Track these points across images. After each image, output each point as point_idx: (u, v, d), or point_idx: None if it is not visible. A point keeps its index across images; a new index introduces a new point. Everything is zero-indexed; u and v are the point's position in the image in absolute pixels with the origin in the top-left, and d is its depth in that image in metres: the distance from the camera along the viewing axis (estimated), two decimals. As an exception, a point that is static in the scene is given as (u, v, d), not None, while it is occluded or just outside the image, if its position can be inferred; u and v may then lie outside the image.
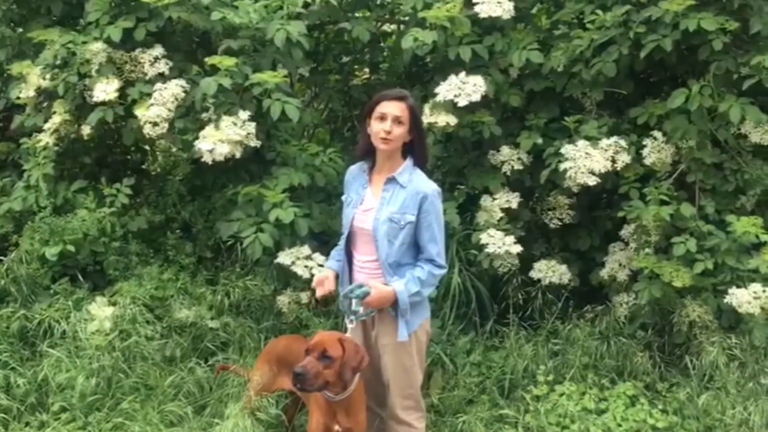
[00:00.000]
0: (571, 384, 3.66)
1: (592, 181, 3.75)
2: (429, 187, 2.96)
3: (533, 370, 3.85)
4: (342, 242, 3.17)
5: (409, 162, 3.00)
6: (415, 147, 3.00)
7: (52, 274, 4.03)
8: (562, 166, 3.81)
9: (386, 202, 2.96)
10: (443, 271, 3.00)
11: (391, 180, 2.97)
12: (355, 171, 3.15)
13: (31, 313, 3.88)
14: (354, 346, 2.85)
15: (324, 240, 4.17)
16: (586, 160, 3.75)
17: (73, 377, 3.49)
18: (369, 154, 3.06)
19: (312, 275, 3.97)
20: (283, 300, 4.12)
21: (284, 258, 3.97)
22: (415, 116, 2.97)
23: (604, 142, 3.85)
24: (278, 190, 3.97)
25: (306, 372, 2.74)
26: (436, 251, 2.95)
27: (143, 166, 5.24)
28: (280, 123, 4.31)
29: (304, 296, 4.14)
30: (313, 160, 4.32)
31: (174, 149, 5.24)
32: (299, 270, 3.92)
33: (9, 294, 3.95)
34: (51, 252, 3.88)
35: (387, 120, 2.89)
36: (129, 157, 5.11)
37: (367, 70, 5.93)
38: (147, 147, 4.99)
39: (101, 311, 3.84)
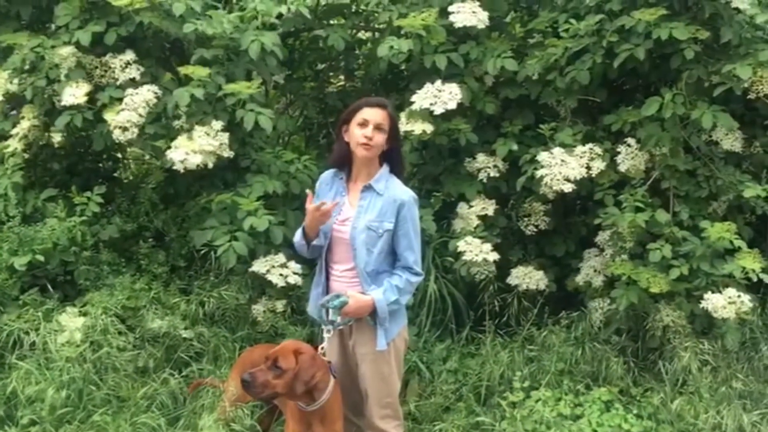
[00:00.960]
0: (547, 390, 3.67)
1: (568, 187, 3.77)
2: (406, 194, 2.96)
3: (509, 377, 3.85)
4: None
5: (385, 169, 2.99)
6: (393, 155, 3.00)
7: (21, 284, 3.93)
8: (538, 173, 3.83)
9: (364, 210, 2.94)
10: (420, 279, 3.01)
11: (368, 188, 2.95)
12: (327, 178, 3.10)
13: (0, 323, 3.78)
14: (309, 360, 2.80)
15: (299, 248, 4.14)
16: (562, 167, 3.78)
17: (42, 390, 3.40)
18: (344, 162, 3.02)
19: (287, 284, 3.94)
20: (258, 309, 4.08)
21: (259, 266, 3.93)
22: (394, 124, 2.97)
23: (579, 149, 3.88)
24: (252, 198, 3.94)
25: (253, 380, 2.76)
26: (413, 259, 2.94)
27: (115, 174, 5.17)
28: (256, 131, 4.28)
29: (280, 305, 4.11)
30: (287, 167, 4.29)
31: (146, 157, 5.20)
32: (274, 278, 3.89)
33: (-24, 305, 3.85)
34: (20, 262, 3.78)
35: (368, 126, 2.87)
36: (100, 165, 5.02)
37: (342, 77, 5.92)
38: (119, 154, 4.91)
39: (72, 322, 3.75)
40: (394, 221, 2.90)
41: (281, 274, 3.92)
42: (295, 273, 3.96)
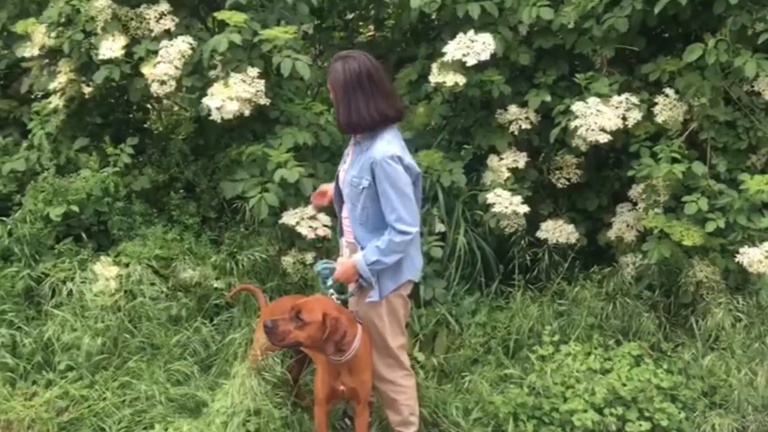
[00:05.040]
0: (576, 344, 3.65)
1: (603, 138, 3.67)
2: (380, 152, 2.82)
3: (539, 331, 3.84)
4: None
5: (380, 126, 2.92)
6: (339, 110, 2.90)
7: (56, 234, 4.01)
8: (572, 124, 3.73)
9: (353, 164, 2.97)
10: (407, 237, 2.86)
11: (357, 143, 2.97)
12: None
13: (36, 272, 3.87)
14: (335, 321, 2.83)
15: (329, 200, 4.14)
16: (597, 117, 3.67)
17: (79, 337, 3.49)
18: None
19: (316, 236, 3.95)
20: (288, 261, 4.10)
21: (289, 218, 3.94)
22: (333, 81, 2.86)
23: (615, 99, 3.76)
24: (282, 150, 3.92)
25: (274, 327, 2.81)
26: (393, 217, 2.84)
27: (146, 125, 5.19)
28: (286, 81, 4.24)
29: (309, 256, 4.13)
30: (317, 119, 4.25)
31: (176, 108, 5.20)
32: (304, 230, 3.90)
33: (13, 254, 3.94)
34: (55, 212, 3.85)
35: None
36: (131, 116, 5.05)
37: (371, 27, 5.82)
38: (150, 106, 4.92)
39: (106, 271, 3.83)
40: (371, 179, 2.86)
41: (311, 226, 3.93)
42: (324, 225, 3.96)
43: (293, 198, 4.01)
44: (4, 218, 3.99)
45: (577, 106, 3.73)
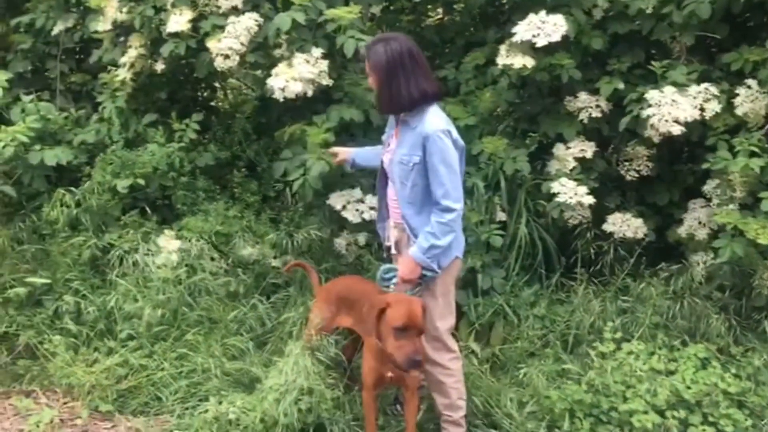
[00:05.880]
0: (640, 343, 3.50)
1: (677, 130, 3.50)
2: (432, 126, 2.87)
3: (600, 327, 3.71)
4: (376, 147, 3.38)
5: (425, 103, 2.95)
6: (381, 92, 2.96)
7: (122, 205, 4.10)
8: (645, 113, 3.57)
9: (400, 143, 2.99)
10: (454, 214, 2.88)
11: (404, 122, 2.99)
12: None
13: (102, 242, 3.97)
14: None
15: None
16: (672, 107, 3.50)
17: (140, 307, 3.56)
18: None
19: (363, 219, 3.90)
20: (341, 242, 4.08)
21: (335, 201, 3.92)
22: (374, 63, 2.93)
23: (693, 89, 3.58)
24: (324, 128, 3.82)
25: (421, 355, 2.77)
26: (441, 192, 2.87)
27: (212, 103, 5.26)
28: (351, 62, 4.20)
29: (362, 238, 4.10)
30: (367, 95, 4.16)
31: (244, 87, 5.24)
32: (349, 215, 3.86)
33: (81, 223, 4.05)
34: (122, 184, 3.94)
35: None
36: (199, 93, 5.11)
37: (440, 10, 5.72)
38: (217, 84, 4.97)
39: (169, 244, 3.90)
40: (422, 155, 2.87)
41: (357, 210, 3.88)
42: (371, 208, 3.89)
43: (341, 178, 3.96)
44: (73, 189, 4.09)
45: (652, 95, 3.57)
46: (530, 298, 3.99)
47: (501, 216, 4.06)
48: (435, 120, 2.90)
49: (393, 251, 3.18)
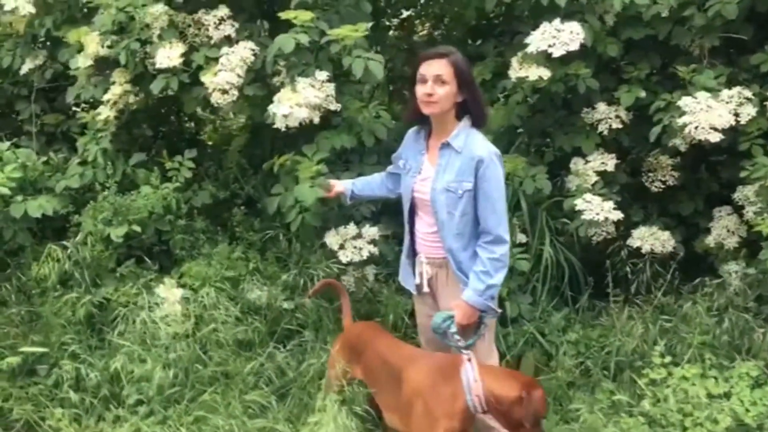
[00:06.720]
0: (692, 366, 3.29)
1: (715, 137, 3.31)
2: (485, 150, 2.66)
3: (643, 351, 3.49)
4: (376, 175, 3.21)
5: (464, 124, 2.73)
6: (469, 107, 2.72)
7: (116, 256, 3.76)
8: (679, 121, 3.37)
9: (442, 170, 2.72)
10: (506, 246, 2.69)
11: (446, 145, 2.73)
12: (412, 135, 2.93)
13: (97, 298, 3.62)
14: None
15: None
16: (707, 113, 3.31)
17: (149, 370, 3.22)
18: (420, 119, 2.81)
19: (361, 257, 3.61)
20: (348, 279, 3.80)
21: (331, 241, 3.65)
22: (461, 72, 2.66)
23: (725, 93, 3.41)
24: (316, 159, 3.53)
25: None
26: (494, 222, 2.65)
27: (199, 137, 4.94)
28: (345, 85, 3.92)
29: (370, 272, 3.84)
30: (369, 120, 3.88)
31: (231, 116, 4.95)
32: (346, 256, 3.58)
33: (72, 279, 3.69)
34: (117, 233, 3.59)
35: (428, 81, 2.66)
36: (185, 127, 4.79)
37: (427, 25, 5.51)
38: (205, 117, 4.66)
39: (170, 294, 3.57)
40: (473, 180, 2.63)
41: (355, 247, 3.61)
42: (369, 242, 3.63)
43: (335, 214, 3.69)
44: (64, 243, 3.73)
45: (686, 102, 3.38)
46: (561, 323, 3.77)
47: (521, 238, 3.83)
48: (485, 143, 2.68)
49: (425, 289, 2.91)
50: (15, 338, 3.51)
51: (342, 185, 3.30)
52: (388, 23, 5.39)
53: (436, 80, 2.65)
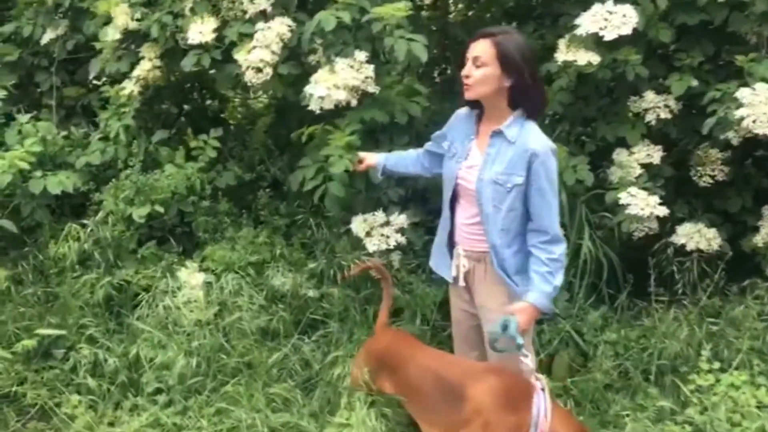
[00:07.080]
0: (741, 373, 3.11)
1: (776, 132, 3.11)
2: (540, 143, 2.47)
3: (687, 354, 3.32)
4: (411, 151, 3.02)
5: (519, 113, 2.52)
6: (518, 93, 2.50)
7: (137, 236, 3.61)
8: (736, 114, 3.17)
9: (491, 159, 2.53)
10: (563, 246, 2.52)
11: (498, 134, 2.53)
12: (462, 115, 2.71)
13: (117, 279, 3.48)
14: None
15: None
16: (767, 106, 3.11)
17: (170, 357, 3.08)
18: (472, 103, 2.61)
19: (388, 246, 3.42)
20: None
21: (357, 227, 3.45)
22: (505, 55, 2.43)
23: (786, 85, 3.20)
24: (347, 131, 3.32)
25: None
26: (549, 220, 2.48)
27: (223, 115, 4.78)
28: (381, 66, 3.73)
29: (395, 258, 3.64)
30: (403, 100, 3.65)
31: (258, 95, 4.78)
32: (372, 245, 3.38)
33: (91, 259, 3.55)
34: (139, 213, 3.44)
35: (467, 63, 2.49)
36: (207, 104, 4.63)
37: (461, 6, 5.30)
38: (231, 94, 4.48)
39: (192, 278, 3.42)
40: (525, 175, 2.46)
41: (382, 235, 3.43)
42: (398, 231, 3.45)
43: (362, 194, 3.50)
44: (83, 221, 3.59)
45: (743, 93, 3.17)
46: (598, 321, 3.59)
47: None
48: (541, 136, 2.49)
49: (461, 283, 2.74)
50: (31, 319, 3.38)
51: (374, 158, 3.10)
52: (420, 2, 5.20)
53: (474, 61, 2.47)
